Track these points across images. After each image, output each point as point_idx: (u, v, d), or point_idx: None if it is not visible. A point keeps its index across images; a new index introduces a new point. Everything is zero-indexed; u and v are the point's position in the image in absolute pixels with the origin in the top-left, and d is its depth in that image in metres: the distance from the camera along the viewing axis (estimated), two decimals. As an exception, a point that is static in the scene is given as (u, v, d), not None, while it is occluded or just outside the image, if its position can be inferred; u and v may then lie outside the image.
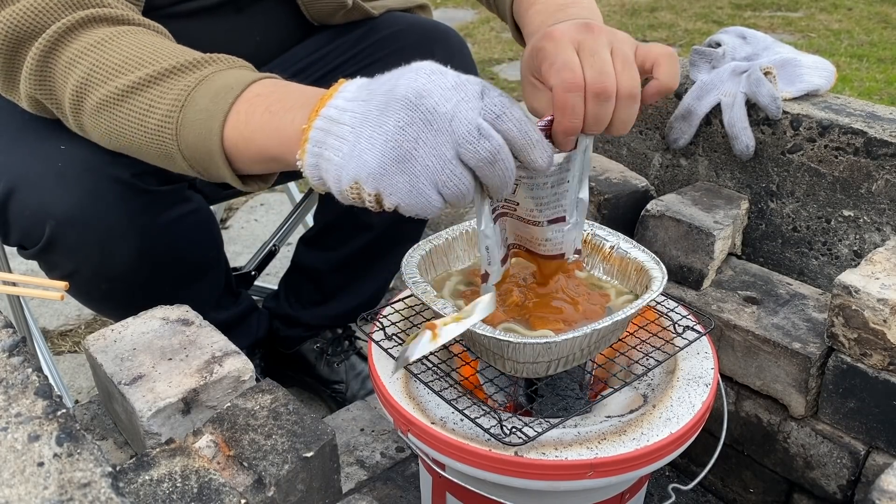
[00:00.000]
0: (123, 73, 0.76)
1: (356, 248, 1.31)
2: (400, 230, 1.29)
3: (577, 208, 0.76)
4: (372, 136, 0.61)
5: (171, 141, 0.75)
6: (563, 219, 0.76)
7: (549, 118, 0.68)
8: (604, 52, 0.67)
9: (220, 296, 1.21)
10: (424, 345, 0.66)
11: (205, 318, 0.85)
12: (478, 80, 0.63)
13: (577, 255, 0.81)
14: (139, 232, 0.93)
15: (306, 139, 0.64)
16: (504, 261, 0.78)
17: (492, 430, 0.72)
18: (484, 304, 0.69)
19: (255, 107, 0.71)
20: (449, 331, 0.67)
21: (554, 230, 0.77)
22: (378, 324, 0.86)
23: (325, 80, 0.94)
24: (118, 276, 0.95)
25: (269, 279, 1.68)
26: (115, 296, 0.99)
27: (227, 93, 0.72)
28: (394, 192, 0.62)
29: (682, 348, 0.83)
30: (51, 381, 0.57)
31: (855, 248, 1.10)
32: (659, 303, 0.92)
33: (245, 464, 0.64)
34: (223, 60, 0.77)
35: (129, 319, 0.83)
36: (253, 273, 1.48)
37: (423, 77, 0.61)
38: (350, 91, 0.64)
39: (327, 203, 1.34)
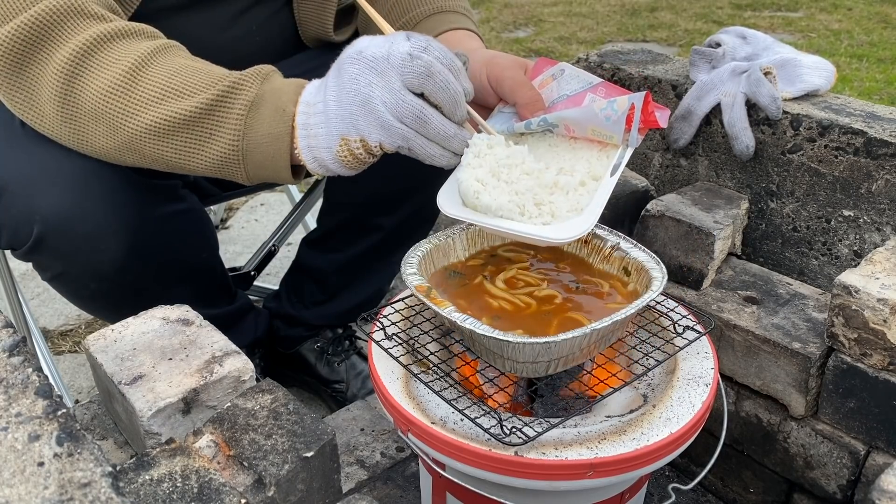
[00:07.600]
0: (163, 102, 0.79)
1: (364, 249, 1.30)
2: (407, 230, 1.28)
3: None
4: (337, 97, 0.75)
5: (238, 165, 0.80)
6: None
7: None
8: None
9: (214, 297, 1.20)
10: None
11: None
12: (402, 31, 0.77)
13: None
14: (129, 227, 0.92)
15: (295, 127, 0.78)
16: None
17: (492, 430, 0.72)
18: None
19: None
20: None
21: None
22: (378, 323, 0.86)
23: None
24: (107, 275, 0.94)
25: (269, 279, 1.68)
26: (105, 296, 0.99)
27: (282, 114, 0.79)
28: (370, 132, 0.75)
29: (682, 348, 0.83)
30: (51, 380, 0.57)
31: (855, 248, 1.10)
32: (659, 303, 0.92)
33: (245, 464, 0.64)
34: (254, 76, 0.81)
35: (130, 319, 0.83)
36: (252, 273, 1.48)
37: (357, 43, 0.77)
38: (313, 85, 0.79)
39: (332, 207, 1.33)
